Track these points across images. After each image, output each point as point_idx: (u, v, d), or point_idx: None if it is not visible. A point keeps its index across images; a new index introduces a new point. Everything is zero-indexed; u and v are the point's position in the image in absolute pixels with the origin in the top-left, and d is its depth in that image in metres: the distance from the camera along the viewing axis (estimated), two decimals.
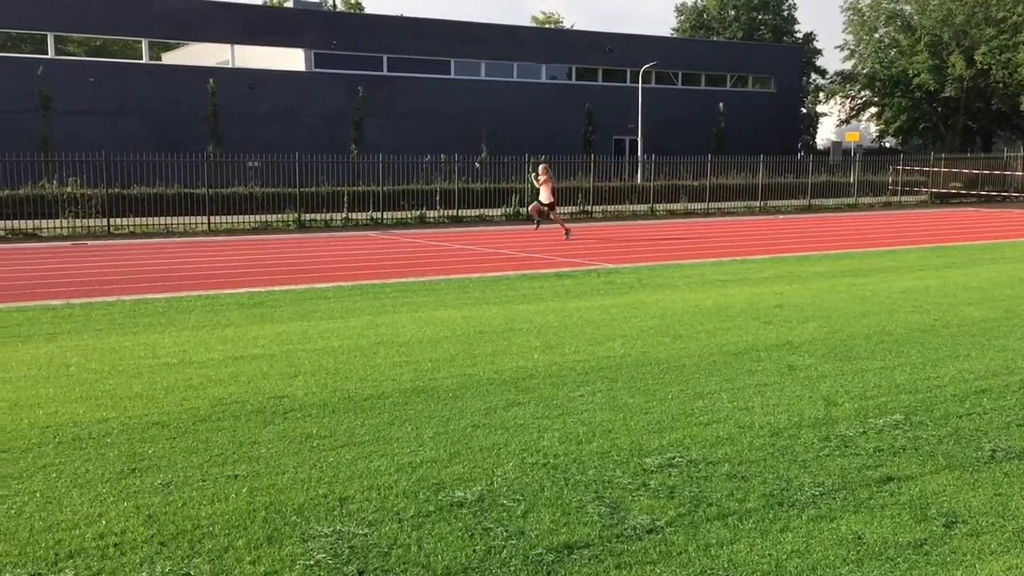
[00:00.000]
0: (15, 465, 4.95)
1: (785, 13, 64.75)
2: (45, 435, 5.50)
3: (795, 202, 33.22)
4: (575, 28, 66.49)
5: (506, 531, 4.10)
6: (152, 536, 4.01)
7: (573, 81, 45.64)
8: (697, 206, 31.36)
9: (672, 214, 30.19)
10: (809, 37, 65.57)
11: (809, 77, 63.63)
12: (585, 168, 31.14)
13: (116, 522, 4.17)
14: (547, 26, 73.14)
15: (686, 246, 19.44)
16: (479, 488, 4.62)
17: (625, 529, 4.12)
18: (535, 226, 23.50)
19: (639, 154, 38.50)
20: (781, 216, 29.68)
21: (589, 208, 29.74)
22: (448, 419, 5.88)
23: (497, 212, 28.62)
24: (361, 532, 4.08)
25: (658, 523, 4.19)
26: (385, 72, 40.48)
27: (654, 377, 7.03)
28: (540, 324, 9.39)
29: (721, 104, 43.34)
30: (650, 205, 30.79)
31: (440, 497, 4.50)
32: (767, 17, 64.36)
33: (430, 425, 5.75)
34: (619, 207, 30.63)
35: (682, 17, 66.44)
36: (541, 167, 22.26)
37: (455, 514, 4.29)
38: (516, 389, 6.66)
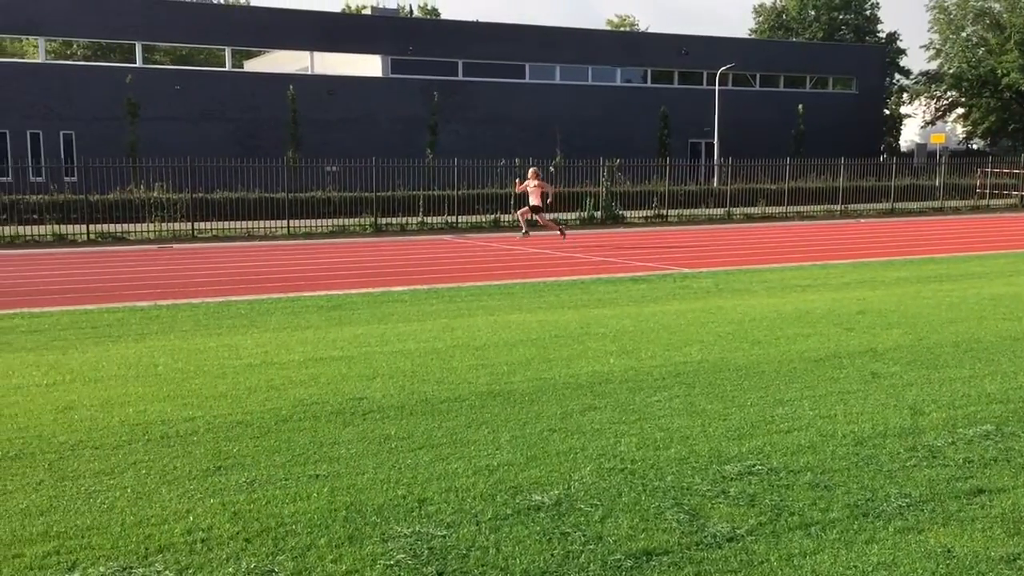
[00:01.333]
0: (107, 461, 5.11)
1: (867, 12, 63.27)
2: (135, 432, 5.67)
3: (877, 206, 32.42)
4: (650, 31, 66.03)
5: (584, 536, 4.09)
6: (238, 533, 4.11)
7: (648, 84, 45.32)
8: (775, 210, 30.85)
9: (749, 218, 29.74)
10: (893, 37, 63.92)
11: (892, 78, 62.03)
12: (660, 172, 30.91)
13: (203, 518, 4.27)
14: (622, 29, 72.85)
15: (764, 250, 19.13)
16: (556, 492, 4.62)
17: (705, 536, 4.07)
18: (523, 233, 22.14)
19: (715, 157, 38.02)
20: (863, 220, 29.00)
21: (664, 212, 29.49)
22: (524, 423, 5.89)
23: (571, 216, 28.56)
24: (440, 533, 4.11)
25: (738, 531, 4.13)
26: (460, 77, 40.78)
27: (732, 383, 6.94)
28: (616, 328, 9.35)
29: (800, 106, 42.55)
30: (727, 209, 30.38)
31: (517, 500, 4.51)
32: (848, 17, 62.98)
33: (506, 428, 5.76)
34: (694, 211, 30.32)
35: (760, 18, 65.45)
36: (531, 171, 21.26)
37: (533, 518, 4.29)
38: (592, 394, 6.64)
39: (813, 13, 62.61)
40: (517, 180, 22.26)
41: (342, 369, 7.48)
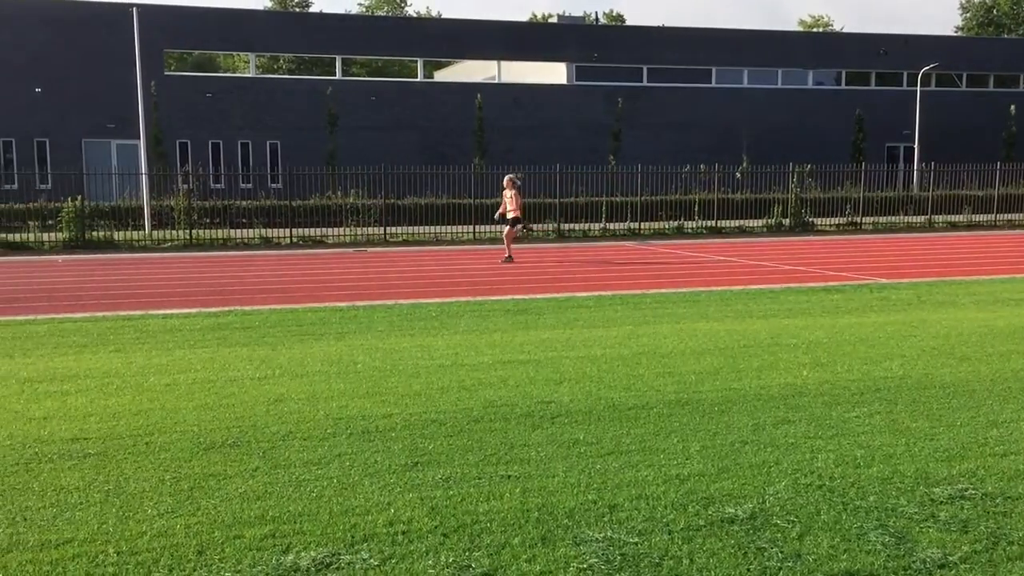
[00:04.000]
0: (314, 452, 5.42)
1: None
2: (338, 426, 5.97)
3: None
4: (845, 31, 63.30)
5: (781, 552, 3.97)
6: (436, 527, 4.25)
7: (842, 86, 43.48)
8: (982, 218, 28.87)
9: (953, 226, 27.99)
10: None
11: None
12: (854, 177, 29.59)
13: (403, 511, 4.45)
14: (815, 30, 70.22)
15: (971, 260, 17.94)
16: (750, 506, 4.51)
17: (913, 561, 3.86)
18: (522, 233, 20.12)
19: (915, 162, 35.99)
20: None
21: (858, 219, 28.20)
22: (715, 433, 5.79)
23: (758, 223, 27.83)
24: (632, 540, 4.10)
25: (951, 558, 3.89)
26: (645, 83, 40.57)
27: (939, 401, 6.54)
28: (808, 340, 9.02)
29: (1012, 107, 39.62)
30: (928, 216, 28.72)
31: (710, 512, 4.44)
32: None
33: (696, 438, 5.68)
34: (892, 219, 28.83)
35: (967, 15, 61.47)
36: (507, 179, 18.67)
37: (726, 530, 4.21)
38: (785, 406, 6.44)
39: None
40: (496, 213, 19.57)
41: (530, 372, 7.59)
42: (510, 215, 18.36)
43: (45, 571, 3.78)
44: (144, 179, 26.13)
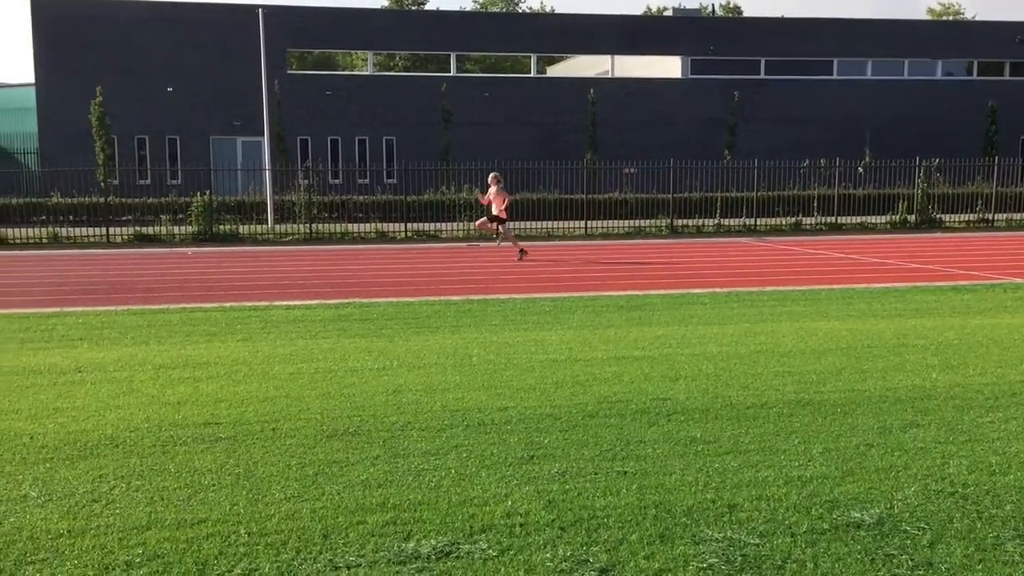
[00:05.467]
0: (432, 443, 5.51)
1: None
2: (455, 418, 6.06)
3: None
4: (977, 19, 60.42)
5: (911, 560, 3.83)
6: (553, 520, 4.27)
7: (974, 77, 41.51)
8: None
9: None
10: None
11: None
12: (986, 172, 28.24)
13: (520, 504, 4.48)
14: (945, 19, 67.27)
15: None
16: (877, 511, 4.36)
17: None
18: (497, 243, 20.16)
19: None
20: None
21: (990, 216, 26.91)
22: (838, 435, 5.62)
23: (881, 220, 26.87)
24: (753, 542, 4.02)
25: None
26: (762, 76, 39.65)
27: None
28: (937, 341, 8.66)
29: None
30: None
31: (834, 516, 4.31)
32: None
33: (818, 440, 5.53)
34: None
35: None
36: (491, 176, 18.67)
37: (852, 535, 4.08)
38: (913, 409, 6.20)
39: None
40: (478, 191, 20.03)
41: (644, 369, 7.54)
42: (495, 213, 18.20)
43: (181, 549, 3.96)
44: (267, 175, 27.06)
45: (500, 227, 18.62)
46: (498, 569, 3.77)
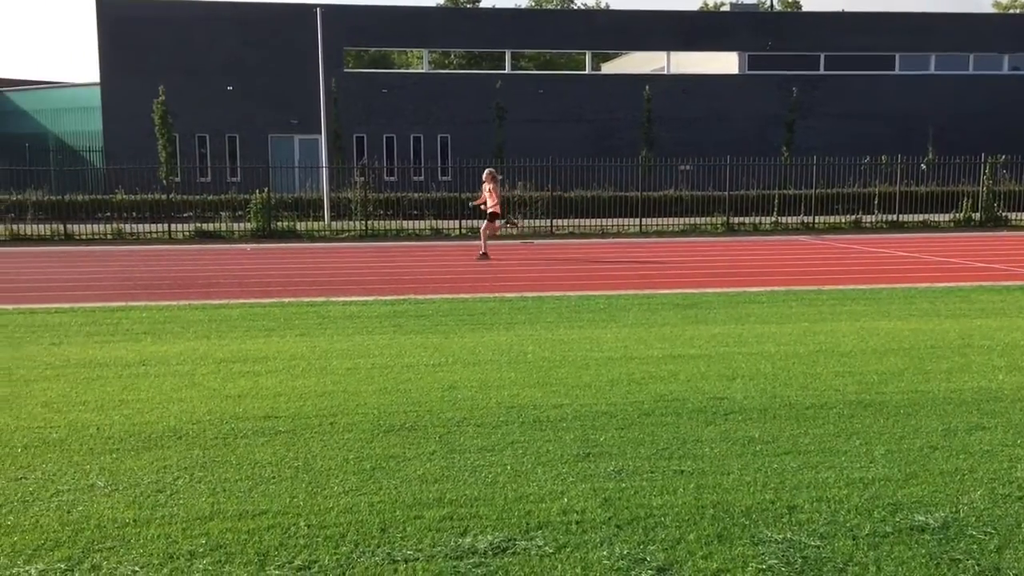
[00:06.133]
0: (488, 439, 5.53)
1: None
2: (510, 414, 6.07)
3: None
4: None
5: (978, 565, 3.74)
6: (609, 519, 4.25)
7: None
8: None
9: None
10: None
11: None
12: None
13: (576, 501, 4.48)
14: (1012, 12, 65.51)
15: None
16: (942, 514, 4.27)
17: None
18: (524, 240, 19.78)
19: None
20: None
21: None
22: (901, 437, 5.51)
23: (944, 218, 26.29)
24: (813, 543, 3.96)
25: None
26: (821, 71, 39.03)
27: None
28: (1004, 342, 8.44)
29: None
30: None
31: (897, 519, 4.23)
32: None
33: (880, 441, 5.43)
34: None
35: None
36: (486, 173, 18.08)
37: (916, 539, 4.00)
38: (979, 412, 6.05)
39: None
40: (470, 203, 19.73)
41: (701, 368, 7.47)
42: (489, 210, 17.83)
43: (243, 539, 4.03)
44: (324, 172, 27.37)
45: (496, 223, 18.31)
46: (555, 566, 3.77)
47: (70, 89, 42.88)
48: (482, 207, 18.22)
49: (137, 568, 3.75)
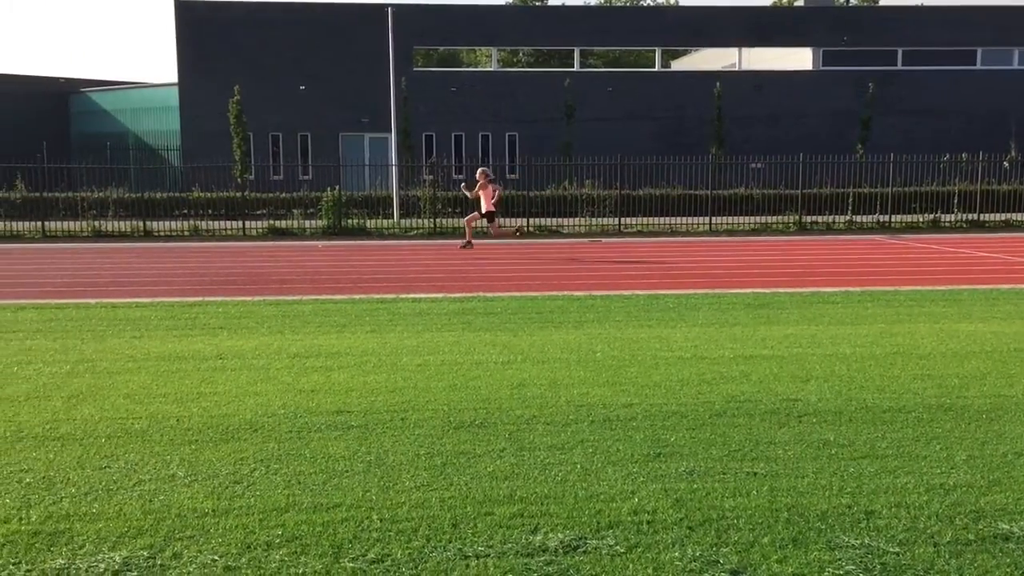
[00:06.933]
0: (557, 437, 5.52)
1: None
2: (579, 413, 6.06)
3: None
4: None
5: None
6: (681, 519, 4.21)
7: None
8: None
9: None
10: None
11: None
12: None
13: (647, 501, 4.45)
14: None
15: None
16: None
17: None
18: (465, 242, 19.63)
19: None
20: None
21: None
22: (983, 443, 5.35)
23: None
24: (892, 550, 3.87)
25: None
26: (899, 67, 38.09)
27: None
28: None
29: None
30: None
31: (980, 527, 4.11)
32: None
33: (962, 447, 5.28)
34: None
35: None
36: (479, 172, 18.95)
37: (1000, 547, 3.88)
38: None
39: None
40: (463, 187, 20.01)
41: (773, 368, 7.36)
42: (483, 208, 18.70)
43: (318, 532, 4.09)
44: (393, 170, 27.66)
45: (491, 225, 19.22)
46: (626, 566, 3.75)
47: (149, 89, 44.09)
48: (483, 207, 18.86)
49: (216, 557, 3.84)
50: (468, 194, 19.55)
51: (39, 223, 24.13)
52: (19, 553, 3.89)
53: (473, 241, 19.85)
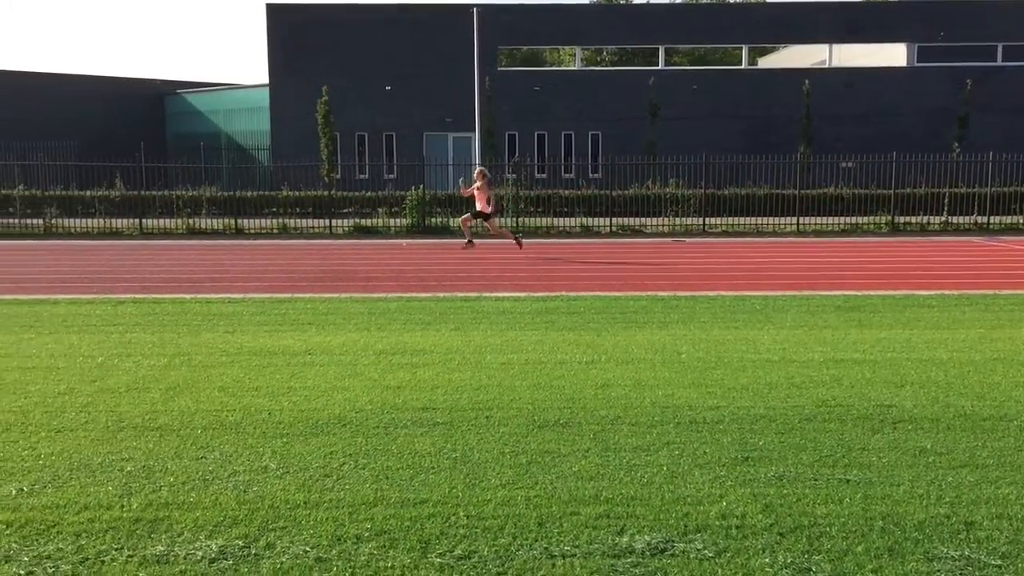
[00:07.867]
0: (643, 438, 5.48)
1: None
2: (665, 414, 6.00)
3: None
4: None
5: None
6: (771, 525, 4.14)
7: None
8: None
9: None
10: None
11: None
12: None
13: (736, 505, 4.38)
14: None
15: None
16: None
17: None
18: (466, 242, 19.03)
19: None
20: None
21: None
22: None
23: None
24: (993, 563, 3.74)
25: None
26: (999, 62, 36.69)
27: None
28: None
29: None
30: None
31: None
32: None
33: None
34: None
35: None
36: (477, 172, 18.86)
37: None
38: None
39: None
40: (462, 183, 19.69)
41: (865, 373, 7.17)
42: (479, 209, 18.54)
43: (405, 526, 4.14)
44: (477, 170, 27.78)
45: (488, 224, 19.02)
46: (715, 571, 3.70)
47: (241, 90, 45.25)
48: (477, 207, 18.72)
49: (308, 548, 3.92)
50: (463, 192, 19.55)
51: (137, 220, 25.00)
52: (121, 539, 4.03)
53: (474, 241, 19.60)
